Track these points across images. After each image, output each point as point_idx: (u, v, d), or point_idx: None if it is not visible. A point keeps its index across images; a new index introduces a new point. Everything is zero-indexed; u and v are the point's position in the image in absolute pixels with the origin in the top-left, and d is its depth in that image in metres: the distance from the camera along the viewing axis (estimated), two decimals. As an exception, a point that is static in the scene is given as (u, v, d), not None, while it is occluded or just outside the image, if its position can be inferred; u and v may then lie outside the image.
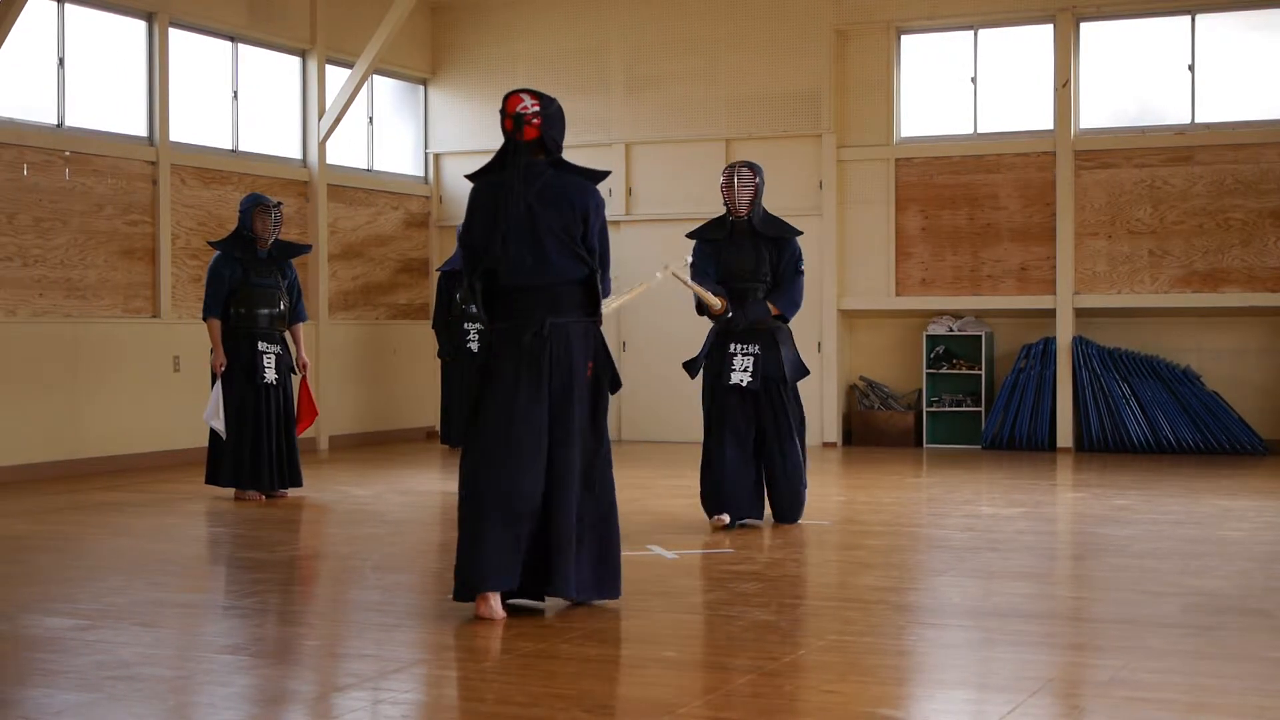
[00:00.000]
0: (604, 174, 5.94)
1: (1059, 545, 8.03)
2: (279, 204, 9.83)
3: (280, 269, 9.79)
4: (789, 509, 8.34)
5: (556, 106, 5.83)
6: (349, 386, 14.15)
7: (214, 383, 9.62)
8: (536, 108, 5.73)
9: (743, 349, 8.25)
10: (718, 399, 8.34)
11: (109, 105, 11.98)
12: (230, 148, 13.12)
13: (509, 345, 5.72)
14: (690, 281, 8.09)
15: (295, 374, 9.89)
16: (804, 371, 8.45)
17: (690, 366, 8.44)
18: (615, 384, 5.90)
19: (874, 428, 13.78)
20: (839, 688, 4.63)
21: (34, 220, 11.25)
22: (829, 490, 10.52)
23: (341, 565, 7.26)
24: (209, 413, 9.62)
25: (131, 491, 10.27)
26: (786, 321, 8.40)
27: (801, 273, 8.37)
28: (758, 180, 8.30)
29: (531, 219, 5.68)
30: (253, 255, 9.67)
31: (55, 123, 11.52)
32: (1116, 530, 8.14)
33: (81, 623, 5.65)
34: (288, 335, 9.94)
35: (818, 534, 8.11)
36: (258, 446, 9.62)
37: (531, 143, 5.74)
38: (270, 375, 9.62)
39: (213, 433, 9.67)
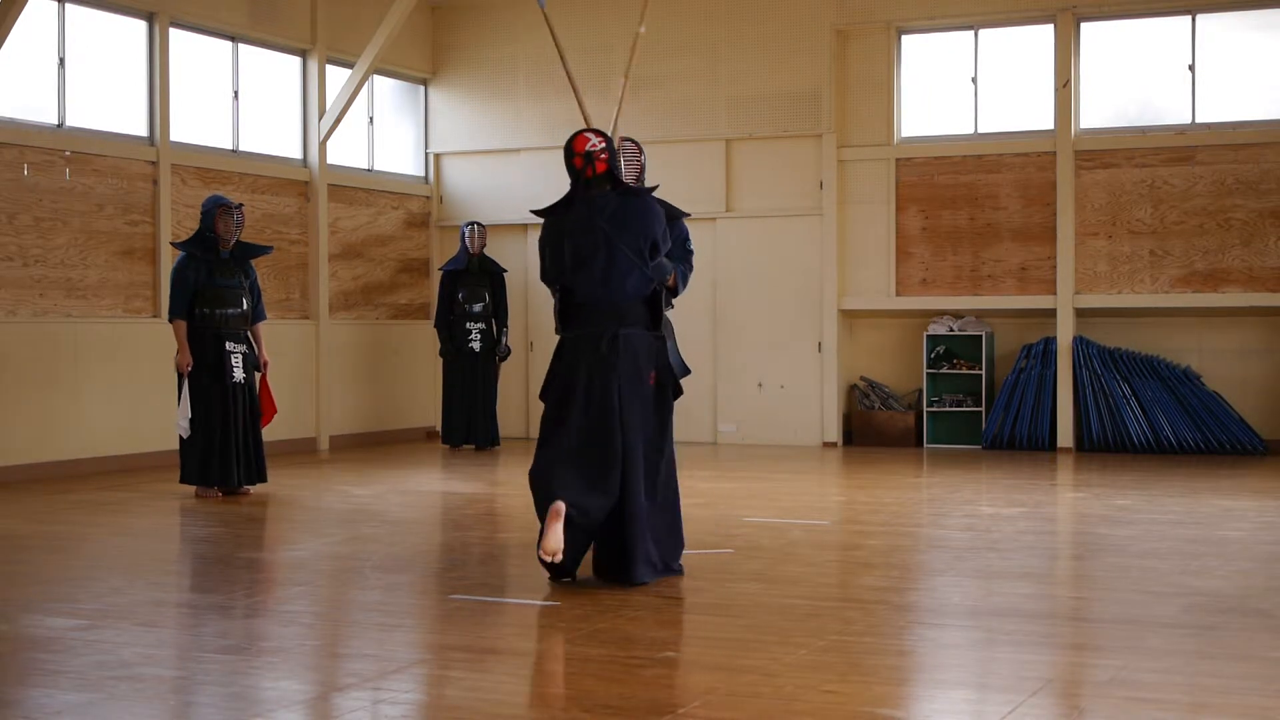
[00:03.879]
0: (654, 188, 6.71)
1: (1059, 545, 8.02)
2: (240, 205, 10.00)
3: (243, 269, 9.94)
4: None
5: (611, 142, 6.56)
6: (349, 386, 14.15)
7: (180, 383, 9.75)
8: (602, 144, 6.46)
9: None
10: None
11: (109, 105, 11.98)
12: (230, 148, 13.12)
13: (582, 351, 6.35)
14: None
15: (258, 372, 10.03)
16: (687, 370, 7.62)
17: None
18: (677, 392, 6.62)
19: (874, 428, 13.78)
20: (839, 688, 4.63)
21: (34, 220, 11.25)
22: (829, 490, 10.53)
23: (341, 565, 7.26)
24: (180, 417, 9.75)
25: (131, 491, 10.27)
26: (675, 295, 7.54)
27: (691, 252, 7.65)
28: (642, 158, 7.65)
29: (608, 243, 6.35)
30: (215, 256, 9.82)
31: (56, 123, 11.52)
32: (1117, 530, 8.14)
33: (81, 623, 5.65)
34: (249, 335, 10.05)
35: (818, 534, 8.11)
36: (225, 444, 9.76)
37: (601, 176, 6.44)
38: (239, 374, 9.80)
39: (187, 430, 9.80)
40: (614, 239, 6.37)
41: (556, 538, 6.08)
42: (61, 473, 11.20)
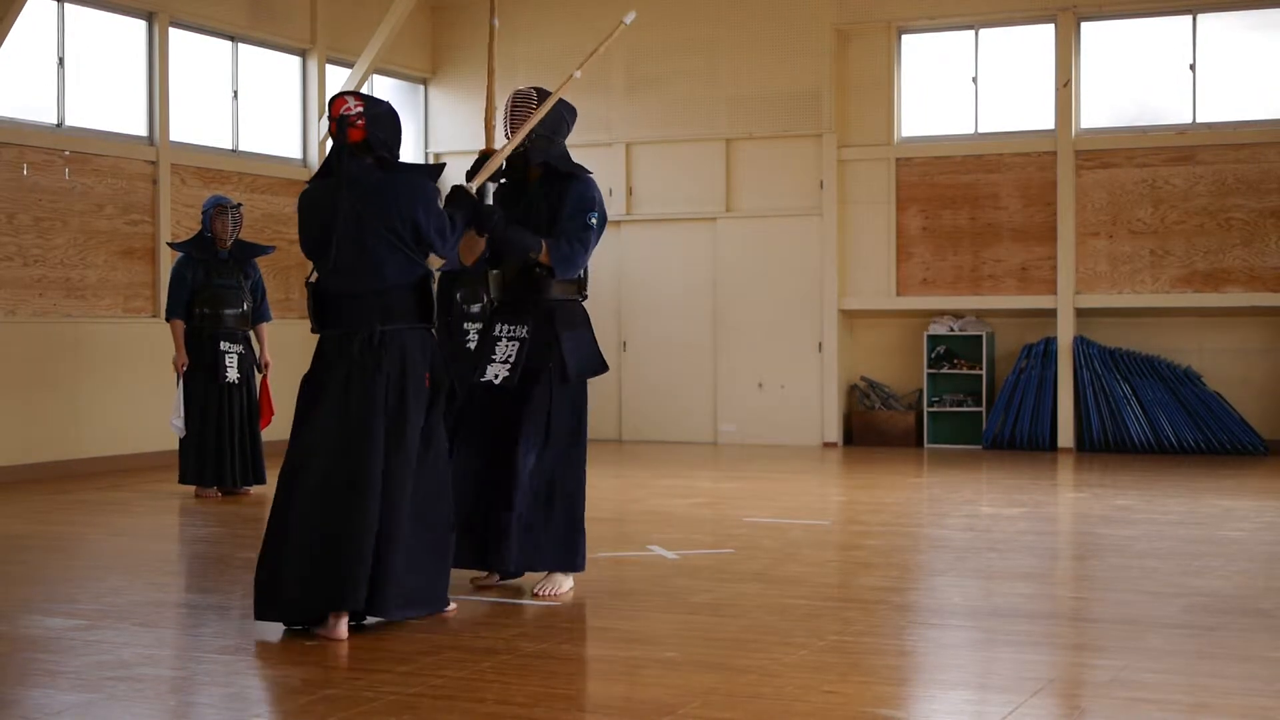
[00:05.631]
0: (439, 169, 5.74)
1: (1060, 545, 8.02)
2: (239, 205, 10.00)
3: (242, 269, 9.94)
4: (536, 553, 6.11)
5: (386, 108, 5.60)
6: (349, 386, 14.12)
7: (178, 382, 9.78)
8: (360, 109, 5.49)
9: (508, 330, 6.12)
10: (471, 399, 6.20)
11: (109, 105, 11.98)
12: (230, 148, 13.12)
13: (339, 356, 5.47)
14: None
15: (259, 372, 10.02)
16: (597, 366, 6.25)
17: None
18: (453, 394, 5.72)
19: (875, 428, 13.77)
20: (839, 688, 4.63)
21: (34, 220, 11.25)
22: (829, 490, 10.52)
23: (341, 565, 7.24)
24: (175, 417, 9.76)
25: (131, 491, 10.26)
26: (554, 277, 6.11)
27: (591, 227, 6.10)
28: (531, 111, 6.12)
29: (358, 223, 5.45)
30: (213, 256, 9.84)
31: (55, 122, 11.52)
32: (1117, 530, 8.14)
33: (81, 623, 5.65)
34: (252, 335, 10.05)
35: (818, 534, 8.11)
36: (220, 444, 9.77)
37: (358, 145, 5.50)
38: (232, 374, 9.78)
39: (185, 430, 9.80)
40: (363, 218, 5.44)
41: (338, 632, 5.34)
42: (61, 473, 11.20)
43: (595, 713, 4.36)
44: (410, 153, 15.33)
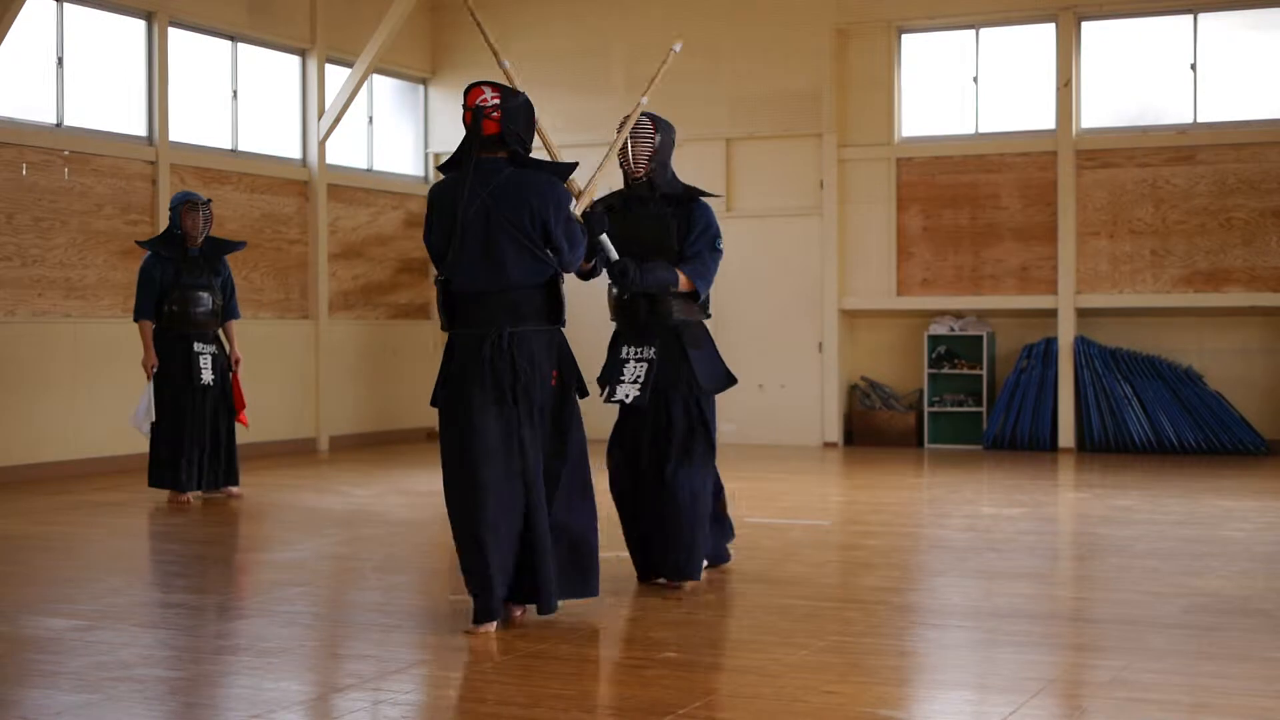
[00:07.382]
0: (570, 166, 5.61)
1: (1060, 545, 8.02)
2: (208, 201, 9.77)
3: (212, 267, 9.73)
4: (678, 560, 6.36)
5: (522, 100, 5.51)
6: (349, 386, 14.14)
7: (148, 383, 9.57)
8: (497, 100, 5.41)
9: (635, 353, 6.41)
10: (617, 422, 6.51)
11: (108, 105, 11.97)
12: (230, 148, 13.11)
13: (471, 357, 5.42)
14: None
15: (230, 371, 9.84)
16: (727, 380, 6.56)
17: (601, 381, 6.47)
18: (583, 391, 5.66)
19: (875, 428, 13.76)
20: (839, 688, 4.62)
21: (33, 220, 11.24)
22: (829, 490, 10.52)
23: (342, 566, 7.25)
24: (140, 415, 9.55)
25: (131, 491, 10.26)
26: (698, 299, 6.48)
27: (720, 250, 6.54)
28: (658, 137, 6.56)
29: (486, 220, 5.38)
30: (183, 254, 9.63)
31: (55, 122, 11.51)
32: (1118, 530, 8.13)
33: (81, 623, 5.65)
34: (221, 333, 9.89)
35: (818, 534, 8.10)
36: (193, 447, 9.56)
37: (490, 138, 5.41)
38: (207, 376, 9.57)
39: (154, 433, 9.57)
40: (491, 214, 5.36)
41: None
42: (60, 473, 11.19)
43: (595, 713, 4.35)
44: (410, 152, 15.33)
